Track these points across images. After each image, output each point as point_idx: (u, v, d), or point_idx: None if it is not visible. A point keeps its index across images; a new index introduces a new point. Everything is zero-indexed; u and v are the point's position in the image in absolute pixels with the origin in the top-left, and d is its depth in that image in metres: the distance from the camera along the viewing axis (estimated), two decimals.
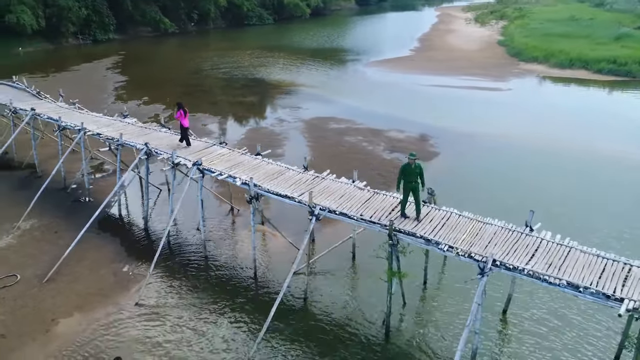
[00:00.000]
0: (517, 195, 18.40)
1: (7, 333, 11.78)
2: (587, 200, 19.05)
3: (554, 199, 18.47)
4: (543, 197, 18.36)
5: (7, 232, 16.26)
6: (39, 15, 53.54)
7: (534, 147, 24.57)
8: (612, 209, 18.00)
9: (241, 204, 18.08)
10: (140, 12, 66.09)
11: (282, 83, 39.75)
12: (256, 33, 74.67)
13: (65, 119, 18.78)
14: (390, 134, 26.66)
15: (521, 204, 15.29)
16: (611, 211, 17.77)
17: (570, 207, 18.01)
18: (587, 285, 9.16)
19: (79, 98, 32.59)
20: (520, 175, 21.25)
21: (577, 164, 22.53)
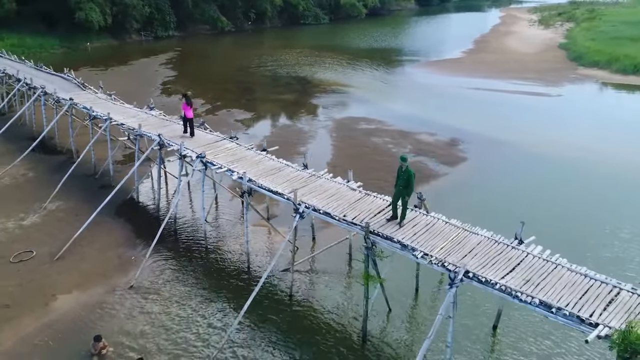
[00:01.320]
0: (540, 216, 16.49)
1: (12, 303, 12.74)
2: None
3: (585, 229, 16.34)
4: (573, 223, 16.66)
5: (34, 211, 17.57)
6: (106, 13, 57.20)
7: (576, 162, 22.48)
8: None
9: (252, 199, 18.36)
10: (200, 11, 68.85)
11: (324, 82, 39.86)
12: (310, 32, 75.45)
13: (97, 109, 20.00)
14: (419, 137, 25.97)
15: (540, 224, 14.33)
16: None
17: (604, 240, 15.80)
18: (560, 307, 8.46)
19: (128, 91, 34.73)
20: (551, 193, 19.12)
21: (627, 191, 19.61)
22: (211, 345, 11.40)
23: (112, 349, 11.25)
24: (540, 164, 22.35)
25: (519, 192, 19.27)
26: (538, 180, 20.46)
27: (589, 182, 20.45)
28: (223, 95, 35.09)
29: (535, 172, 21.45)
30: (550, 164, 22.33)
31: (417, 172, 20.83)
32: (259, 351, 11.34)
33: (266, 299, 13.17)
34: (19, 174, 20.76)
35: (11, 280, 13.67)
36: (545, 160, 22.74)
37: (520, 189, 19.54)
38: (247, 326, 12.12)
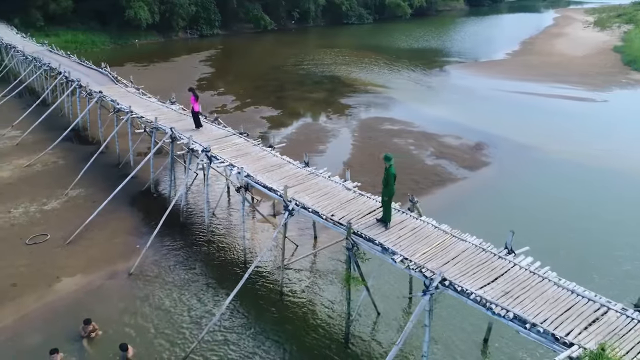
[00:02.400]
0: (555, 234, 15.66)
1: (19, 282, 13.47)
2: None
3: (609, 251, 15.01)
4: (595, 244, 15.48)
5: (57, 197, 18.50)
6: (154, 11, 59.47)
7: (613, 175, 20.87)
8: None
9: (262, 195, 18.48)
10: (244, 10, 70.18)
11: (356, 82, 39.55)
12: (352, 32, 75.18)
13: (121, 102, 20.80)
14: (444, 140, 25.21)
15: (555, 242, 13.45)
16: None
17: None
18: (535, 322, 7.93)
19: (165, 86, 35.89)
20: (576, 208, 17.71)
21: None
22: (201, 329, 11.56)
23: (101, 332, 11.66)
24: (570, 174, 21.02)
25: (538, 204, 18.09)
26: (565, 193, 19.16)
27: (626, 200, 18.66)
28: (254, 93, 35.58)
29: (563, 183, 20.15)
30: (582, 174, 20.99)
31: (435, 175, 20.74)
32: (247, 339, 11.53)
33: (259, 292, 13.27)
34: (50, 161, 21.93)
35: (23, 261, 14.46)
36: (577, 170, 21.42)
37: (541, 201, 18.35)
38: (238, 315, 12.34)
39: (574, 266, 13.37)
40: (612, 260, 14.54)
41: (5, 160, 21.89)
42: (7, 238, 15.73)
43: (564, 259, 14.05)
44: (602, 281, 13.11)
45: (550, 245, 15.04)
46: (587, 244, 15.46)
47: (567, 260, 13.70)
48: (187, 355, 10.88)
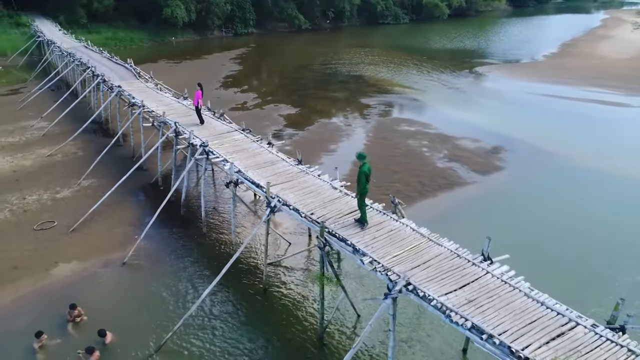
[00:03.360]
0: (560, 252, 14.53)
1: (20, 266, 14.09)
2: None
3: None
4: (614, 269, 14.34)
5: (69, 186, 19.27)
6: (191, 10, 61.02)
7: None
8: None
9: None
10: (279, 9, 70.87)
11: (381, 82, 39.12)
12: (387, 32, 74.46)
13: (137, 96, 21.43)
14: (460, 142, 24.51)
15: (559, 252, 12.70)
16: None
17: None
18: (493, 334, 7.55)
19: (191, 82, 36.67)
20: (595, 224, 16.49)
21: None
22: (182, 316, 11.72)
23: (86, 318, 12.03)
24: (593, 184, 19.90)
25: (549, 213, 17.15)
26: (583, 204, 18.12)
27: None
28: (277, 91, 35.84)
29: (583, 193, 19.02)
30: (606, 184, 19.83)
31: (443, 178, 20.21)
32: (229, 327, 11.72)
33: (244, 286, 13.34)
34: (70, 152, 22.87)
35: (28, 246, 15.13)
36: (601, 180, 20.25)
37: (552, 210, 17.37)
38: (220, 305, 12.51)
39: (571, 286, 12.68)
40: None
41: (30, 150, 23.01)
42: (18, 223, 16.52)
43: (564, 274, 13.40)
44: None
45: (553, 255, 14.39)
46: (598, 260, 14.61)
47: (568, 278, 13.04)
48: (160, 345, 11.05)
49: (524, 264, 9.85)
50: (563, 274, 13.45)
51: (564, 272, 13.66)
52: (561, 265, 13.97)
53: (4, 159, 21.91)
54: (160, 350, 11.03)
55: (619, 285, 13.13)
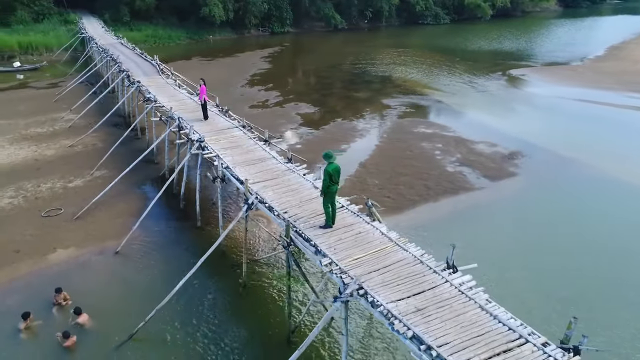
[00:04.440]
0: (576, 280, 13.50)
1: (22, 249, 14.85)
2: None
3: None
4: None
5: (83, 176, 20.11)
6: (229, 9, 62.21)
7: None
8: None
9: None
10: (316, 8, 70.98)
11: (407, 83, 38.43)
12: (425, 33, 73.03)
13: (152, 91, 22.08)
14: (476, 146, 23.68)
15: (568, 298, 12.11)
16: None
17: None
18: (432, 345, 7.23)
19: (218, 79, 37.57)
20: (607, 236, 15.54)
21: None
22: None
23: (71, 302, 12.51)
24: (609, 194, 18.78)
25: (556, 227, 16.21)
26: (592, 216, 17.16)
27: None
28: (300, 90, 35.94)
29: (604, 206, 17.86)
30: (623, 196, 18.62)
31: (450, 182, 19.66)
32: (203, 320, 11.90)
33: (225, 282, 13.48)
34: (90, 144, 23.86)
35: (33, 231, 15.92)
36: (621, 190, 19.04)
37: (557, 223, 16.41)
38: (198, 298, 12.67)
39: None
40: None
41: (54, 140, 24.20)
42: (28, 209, 17.42)
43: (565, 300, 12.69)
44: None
45: (547, 269, 13.67)
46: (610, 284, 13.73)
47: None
48: (133, 333, 11.32)
49: (507, 278, 9.44)
50: (551, 291, 12.75)
51: (553, 288, 12.95)
52: (553, 280, 13.26)
53: (30, 148, 23.15)
54: (132, 338, 11.31)
55: (623, 306, 12.30)
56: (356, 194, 18.19)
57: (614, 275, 13.58)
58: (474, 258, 9.61)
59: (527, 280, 13.33)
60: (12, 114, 28.56)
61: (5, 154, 22.35)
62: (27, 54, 47.59)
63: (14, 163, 21.43)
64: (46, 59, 46.23)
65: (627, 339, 11.34)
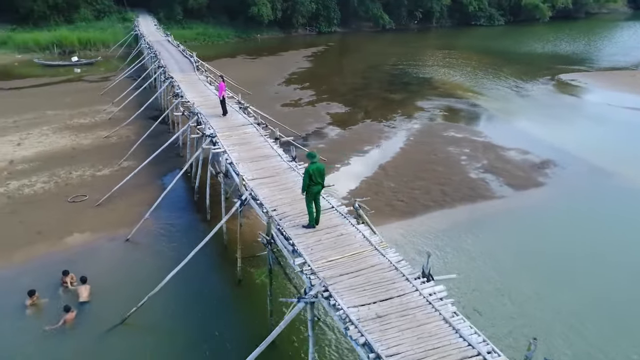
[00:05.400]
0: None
1: (43, 231, 15.82)
2: None
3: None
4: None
5: (111, 166, 21.12)
6: (277, 8, 63.16)
7: None
8: None
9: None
10: (364, 8, 70.52)
11: (446, 85, 37.38)
12: (477, 34, 70.77)
13: (182, 87, 22.85)
14: (505, 153, 22.64)
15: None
16: None
17: None
18: (380, 355, 7.00)
19: (256, 77, 38.34)
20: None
21: None
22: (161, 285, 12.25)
23: (76, 283, 13.21)
24: None
25: (576, 247, 15.08)
26: (619, 233, 15.89)
27: None
28: (335, 89, 35.85)
29: (628, 218, 16.73)
30: None
31: (470, 189, 18.98)
32: (193, 311, 12.23)
33: (221, 276, 13.74)
34: (125, 135, 25.02)
35: (57, 215, 16.92)
36: None
37: (582, 243, 15.25)
38: (192, 290, 13.02)
39: None
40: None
41: (92, 131, 25.59)
42: (57, 194, 18.53)
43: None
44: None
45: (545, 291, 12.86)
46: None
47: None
48: (125, 318, 11.78)
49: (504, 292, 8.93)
50: (557, 309, 11.97)
51: (558, 307, 12.15)
52: (559, 299, 12.44)
53: (69, 137, 24.63)
54: (124, 322, 11.77)
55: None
56: (369, 196, 18.01)
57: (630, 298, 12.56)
58: (470, 269, 9.23)
59: (528, 298, 12.60)
60: (61, 105, 30.48)
61: (47, 142, 23.92)
62: (85, 50, 50.65)
63: (54, 151, 22.88)
64: (102, 55, 49.05)
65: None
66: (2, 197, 18.15)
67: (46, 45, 48.89)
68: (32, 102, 31.28)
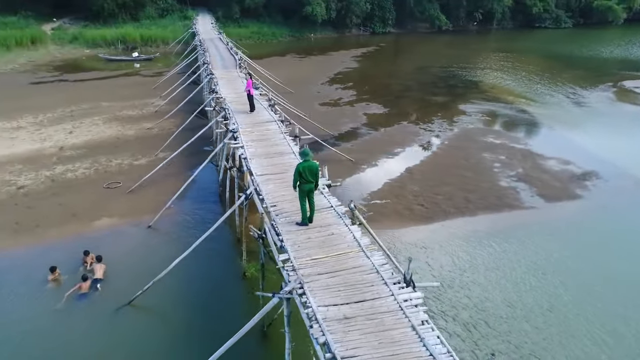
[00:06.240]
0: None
1: (77, 214, 16.98)
2: None
3: None
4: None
5: (149, 156, 22.23)
6: (331, 8, 63.44)
7: None
8: None
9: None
10: (421, 9, 69.20)
11: (494, 89, 35.93)
12: (540, 37, 67.36)
13: (219, 83, 23.64)
14: (544, 162, 21.47)
15: None
16: None
17: None
18: (336, 356, 6.96)
19: (300, 76, 38.81)
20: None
21: None
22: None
23: (94, 263, 14.11)
24: None
25: (599, 269, 13.98)
26: None
27: None
28: (377, 90, 35.51)
29: None
30: None
31: (497, 198, 18.33)
32: (197, 299, 12.68)
33: (228, 269, 14.12)
34: (166, 128, 26.19)
35: (92, 199, 18.08)
36: None
37: (606, 265, 14.11)
38: (199, 279, 13.49)
39: None
40: None
41: (138, 123, 27.04)
42: (95, 180, 19.78)
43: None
44: None
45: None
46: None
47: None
48: (131, 300, 12.43)
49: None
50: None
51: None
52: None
53: (116, 127, 26.19)
54: (130, 303, 12.43)
55: None
56: (389, 198, 17.84)
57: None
58: (471, 281, 8.93)
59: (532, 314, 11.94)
60: (115, 97, 32.43)
61: (96, 131, 25.59)
62: (146, 46, 53.42)
63: (100, 140, 24.43)
64: (160, 51, 51.55)
65: None
66: (47, 180, 19.67)
67: (112, 41, 52.12)
68: (90, 93, 33.52)
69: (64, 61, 45.76)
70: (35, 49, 48.34)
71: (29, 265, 14.11)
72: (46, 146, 23.20)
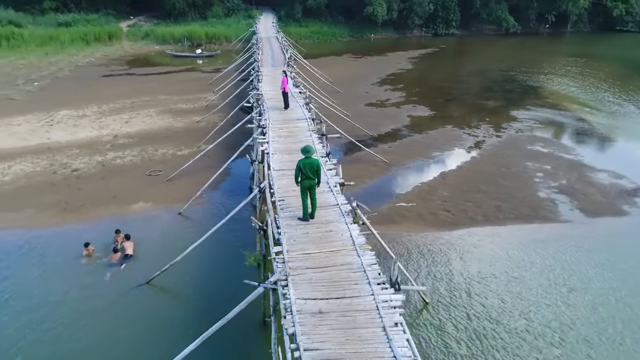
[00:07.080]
0: None
1: (118, 196, 18.27)
2: None
3: None
4: None
5: (191, 147, 23.37)
6: (393, 9, 62.80)
7: None
8: None
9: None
10: (488, 10, 66.65)
11: (554, 96, 33.97)
12: (620, 41, 62.74)
13: (263, 80, 24.35)
14: (593, 175, 20.09)
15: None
16: None
17: None
18: (299, 346, 7.11)
19: (353, 76, 38.87)
20: None
21: None
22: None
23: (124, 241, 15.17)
24: None
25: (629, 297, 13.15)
26: None
27: None
28: (427, 92, 34.77)
29: None
30: None
31: (531, 209, 17.59)
32: (212, 284, 13.21)
33: (243, 259, 14.59)
34: (213, 121, 27.30)
35: (134, 185, 19.35)
36: None
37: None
38: (216, 266, 14.05)
39: None
40: None
41: (188, 116, 28.45)
42: (140, 167, 21.14)
43: None
44: None
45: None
46: None
47: None
48: (149, 279, 13.24)
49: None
50: None
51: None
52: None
53: (167, 119, 27.73)
54: (149, 282, 13.26)
55: None
56: (416, 202, 17.61)
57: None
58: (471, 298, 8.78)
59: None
60: (172, 91, 34.31)
61: (149, 122, 27.27)
62: (210, 43, 55.91)
63: (151, 130, 26.01)
64: (223, 48, 53.73)
65: None
66: (98, 164, 21.30)
67: (179, 38, 55.07)
68: (152, 86, 35.70)
69: (135, 56, 48.93)
70: (111, 44, 52.22)
71: (68, 240, 15.41)
72: (103, 134, 25.08)
